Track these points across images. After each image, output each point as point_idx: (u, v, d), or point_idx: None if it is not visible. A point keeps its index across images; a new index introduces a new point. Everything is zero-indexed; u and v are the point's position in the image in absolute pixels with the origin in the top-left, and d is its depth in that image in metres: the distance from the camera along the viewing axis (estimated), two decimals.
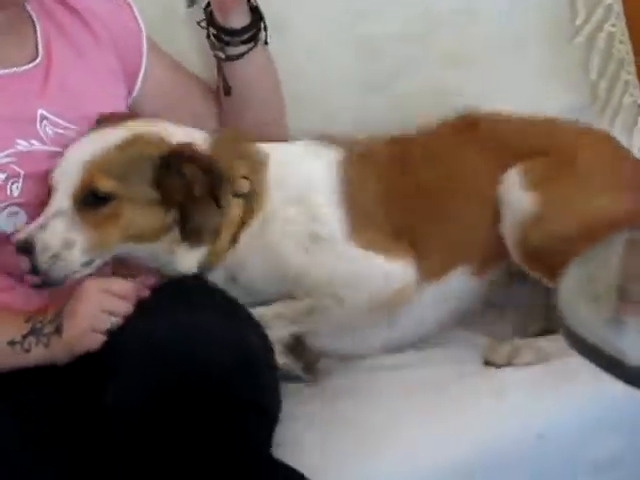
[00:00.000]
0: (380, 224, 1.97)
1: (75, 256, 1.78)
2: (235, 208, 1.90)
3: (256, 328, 1.75)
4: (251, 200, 1.92)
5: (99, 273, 1.82)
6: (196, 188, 1.80)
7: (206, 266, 1.90)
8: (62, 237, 1.78)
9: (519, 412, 1.81)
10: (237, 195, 1.91)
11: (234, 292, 1.87)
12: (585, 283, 1.48)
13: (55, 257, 1.77)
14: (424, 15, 2.32)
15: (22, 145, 1.85)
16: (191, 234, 1.87)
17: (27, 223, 1.81)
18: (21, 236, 1.77)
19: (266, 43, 2.06)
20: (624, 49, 2.46)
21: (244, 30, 2.04)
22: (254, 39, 2.05)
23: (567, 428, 1.81)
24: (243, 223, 1.91)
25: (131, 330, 1.70)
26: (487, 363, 1.97)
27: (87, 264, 1.79)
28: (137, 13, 2.07)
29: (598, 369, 1.46)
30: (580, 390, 1.82)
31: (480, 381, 1.89)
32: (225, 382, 1.60)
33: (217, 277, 1.92)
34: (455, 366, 1.95)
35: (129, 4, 2.06)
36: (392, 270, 1.92)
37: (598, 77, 2.46)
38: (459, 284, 1.99)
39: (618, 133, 2.43)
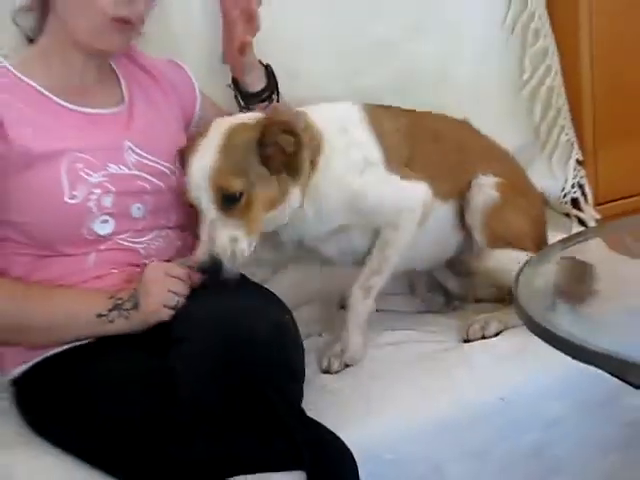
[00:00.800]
0: (399, 154, 2.20)
1: (244, 246, 1.98)
2: (306, 152, 2.08)
3: (287, 310, 1.97)
4: (312, 146, 2.10)
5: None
6: (288, 148, 2.02)
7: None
8: (228, 238, 1.98)
9: (486, 380, 2.07)
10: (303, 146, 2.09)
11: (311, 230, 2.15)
12: (532, 283, 1.79)
13: (233, 256, 1.97)
14: (408, 73, 2.59)
15: (113, 168, 2.05)
16: (296, 175, 2.05)
17: (115, 229, 2.03)
18: (203, 258, 1.97)
19: (277, 101, 2.34)
20: (561, 100, 2.79)
21: (260, 93, 2.36)
22: (269, 99, 2.36)
23: (523, 393, 2.06)
24: (313, 163, 2.10)
25: (195, 308, 1.91)
26: (465, 341, 2.25)
27: (250, 246, 2.00)
28: (190, 72, 2.33)
29: (545, 344, 1.76)
30: (533, 362, 2.08)
31: (456, 355, 2.15)
32: (267, 348, 1.81)
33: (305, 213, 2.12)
34: (438, 344, 2.21)
35: (183, 65, 2.32)
36: (418, 190, 2.18)
37: (540, 121, 2.80)
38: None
39: (556, 166, 2.77)
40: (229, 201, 1.98)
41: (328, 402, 2.01)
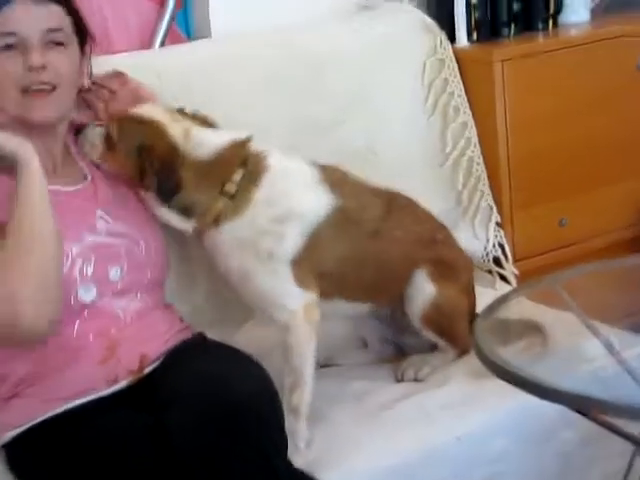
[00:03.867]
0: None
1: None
2: (219, 202, 2.12)
3: (262, 369, 2.03)
4: (236, 201, 2.12)
5: None
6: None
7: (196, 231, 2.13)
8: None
9: (441, 422, 2.18)
10: (223, 193, 2.13)
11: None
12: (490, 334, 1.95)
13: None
14: (338, 151, 2.67)
15: (89, 237, 2.10)
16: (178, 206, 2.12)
17: (97, 295, 2.06)
18: None
19: None
20: (480, 168, 2.92)
21: None
22: None
23: (476, 432, 2.18)
24: (225, 216, 2.12)
25: (183, 374, 1.99)
26: (399, 380, 2.34)
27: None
28: None
29: (493, 389, 2.06)
30: (483, 404, 2.21)
31: (413, 402, 2.24)
32: (255, 405, 1.90)
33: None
34: (394, 394, 2.27)
35: None
36: (300, 297, 2.15)
37: (462, 188, 2.91)
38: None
39: (478, 228, 2.90)
40: None
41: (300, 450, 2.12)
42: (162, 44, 2.84)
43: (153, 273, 2.21)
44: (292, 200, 2.19)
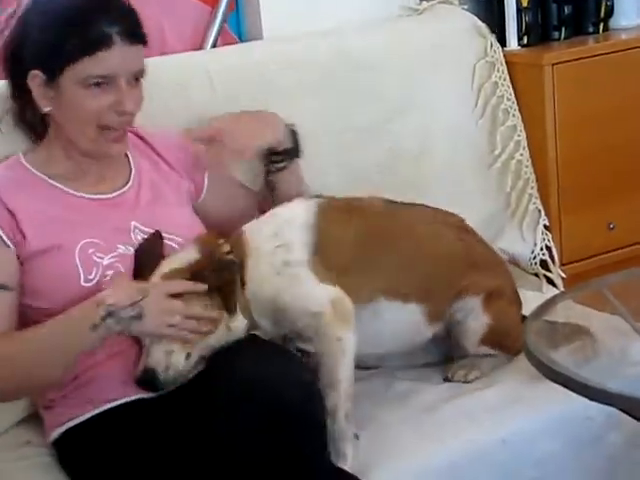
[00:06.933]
0: (333, 261, 2.17)
1: (179, 358, 2.03)
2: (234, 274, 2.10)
3: (305, 366, 2.05)
4: (240, 264, 2.12)
5: None
6: (218, 283, 2.07)
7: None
8: (163, 352, 2.02)
9: (487, 424, 2.19)
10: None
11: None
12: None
13: (167, 368, 2.02)
14: (388, 154, 2.72)
15: (121, 249, 2.11)
16: (229, 303, 2.09)
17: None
18: (138, 372, 2.02)
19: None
20: (529, 171, 2.91)
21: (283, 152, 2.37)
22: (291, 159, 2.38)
23: (522, 434, 2.18)
24: (242, 279, 2.11)
25: (230, 376, 1.96)
26: (446, 379, 2.35)
27: (187, 358, 2.04)
28: None
29: (539, 392, 2.09)
30: (529, 407, 2.22)
31: (458, 404, 2.24)
32: (299, 410, 1.91)
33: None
34: (440, 395, 2.28)
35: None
36: (324, 293, 2.12)
37: (510, 191, 2.92)
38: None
39: (525, 231, 2.90)
40: None
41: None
42: (214, 46, 2.87)
43: None
44: (280, 217, 2.24)
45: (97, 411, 2.08)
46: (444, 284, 2.31)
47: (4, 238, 2.07)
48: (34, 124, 2.21)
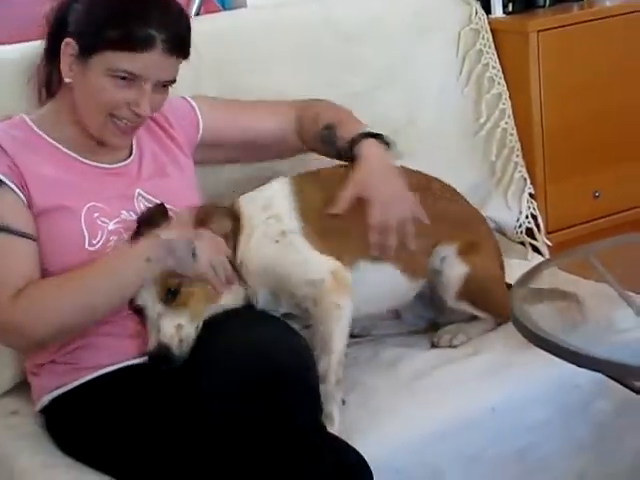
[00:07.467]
0: (318, 225, 2.20)
1: (190, 330, 2.06)
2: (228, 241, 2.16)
3: (299, 335, 2.07)
4: (235, 231, 2.18)
5: None
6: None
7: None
8: (174, 326, 2.05)
9: (476, 392, 2.19)
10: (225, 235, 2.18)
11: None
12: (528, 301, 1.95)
13: (180, 342, 2.04)
14: (374, 121, 2.48)
15: (125, 215, 2.13)
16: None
17: None
18: (152, 348, 2.03)
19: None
20: (514, 140, 2.92)
21: None
22: None
23: (512, 402, 2.19)
24: (235, 245, 2.17)
25: (222, 340, 2.00)
26: (433, 345, 2.38)
27: (196, 330, 2.07)
28: (188, 98, 2.36)
29: (527, 358, 2.09)
30: (518, 374, 2.22)
31: (447, 371, 2.25)
32: (291, 375, 1.91)
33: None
34: (428, 362, 2.28)
35: (179, 98, 2.32)
36: (324, 262, 2.16)
37: (495, 159, 2.93)
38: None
39: (511, 199, 2.90)
40: (172, 294, 2.07)
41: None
42: (197, 14, 2.86)
43: None
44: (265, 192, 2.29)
45: (85, 379, 2.09)
46: (418, 239, 2.28)
47: (18, 192, 2.07)
48: (49, 84, 2.22)
